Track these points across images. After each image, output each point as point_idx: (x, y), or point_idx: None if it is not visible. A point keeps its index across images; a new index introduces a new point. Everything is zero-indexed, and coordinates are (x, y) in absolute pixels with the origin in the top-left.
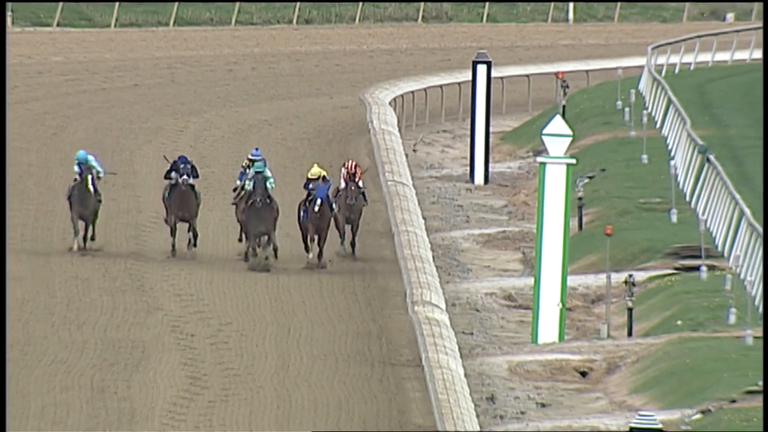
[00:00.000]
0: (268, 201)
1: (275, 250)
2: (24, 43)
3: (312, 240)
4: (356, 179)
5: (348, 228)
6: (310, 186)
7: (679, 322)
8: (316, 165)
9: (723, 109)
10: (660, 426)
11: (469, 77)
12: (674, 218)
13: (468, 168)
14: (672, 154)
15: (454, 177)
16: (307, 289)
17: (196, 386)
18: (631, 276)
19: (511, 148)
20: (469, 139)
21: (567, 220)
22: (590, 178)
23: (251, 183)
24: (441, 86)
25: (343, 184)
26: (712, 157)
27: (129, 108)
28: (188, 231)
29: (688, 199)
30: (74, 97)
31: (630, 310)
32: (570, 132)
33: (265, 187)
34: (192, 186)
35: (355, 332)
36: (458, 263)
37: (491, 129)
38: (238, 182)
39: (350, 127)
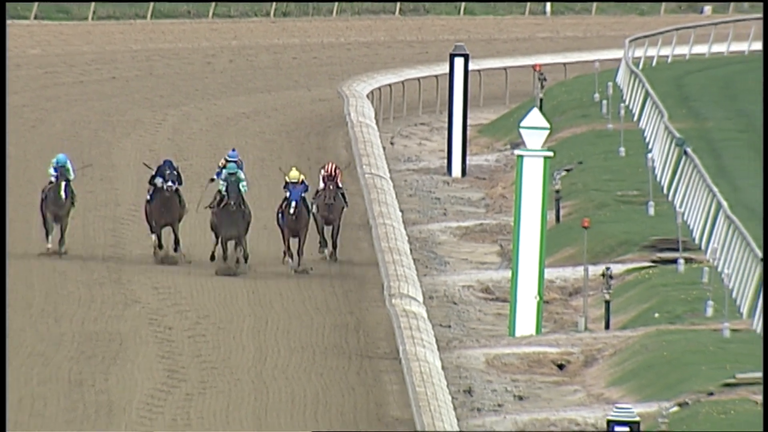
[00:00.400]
0: (241, 205)
1: (246, 256)
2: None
3: (288, 243)
4: (335, 180)
5: (328, 231)
6: (289, 188)
7: (656, 315)
8: (294, 168)
9: (700, 102)
10: (637, 419)
11: (447, 70)
12: (651, 211)
13: (445, 160)
14: (649, 146)
15: (431, 170)
16: (285, 281)
17: (173, 379)
18: (608, 269)
19: (488, 140)
20: (446, 132)
21: (544, 213)
22: (568, 170)
23: (224, 185)
24: (418, 79)
25: (321, 185)
26: (689, 150)
27: (107, 101)
28: (170, 236)
29: (665, 191)
30: (52, 89)
31: (607, 302)
32: (547, 125)
33: (239, 190)
34: (177, 191)
35: (333, 325)
36: (436, 256)
37: (469, 122)
38: (217, 178)
39: (328, 119)
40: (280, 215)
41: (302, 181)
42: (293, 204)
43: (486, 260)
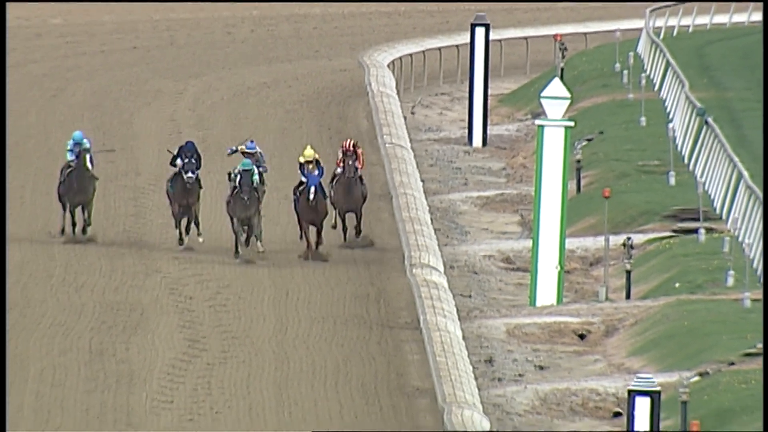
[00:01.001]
0: (255, 194)
1: (258, 235)
2: (22, 6)
3: (307, 232)
4: (356, 157)
5: (345, 221)
6: (304, 171)
7: (677, 285)
8: (309, 147)
9: (721, 71)
10: (658, 388)
11: (468, 39)
12: (672, 181)
13: (466, 130)
14: (670, 116)
15: (452, 139)
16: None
17: (194, 349)
18: (629, 238)
19: (509, 110)
20: (467, 102)
21: (565, 183)
22: (588, 140)
23: (237, 178)
24: (439, 49)
25: (339, 169)
26: (710, 120)
27: (128, 70)
28: (189, 222)
29: (686, 161)
30: (73, 59)
31: (628, 272)
32: (568, 95)
33: (251, 184)
34: (197, 179)
35: (354, 295)
36: (456, 226)
37: (489, 91)
38: (254, 168)
39: (349, 89)
40: (295, 201)
41: (317, 161)
42: (311, 190)
43: (507, 230)
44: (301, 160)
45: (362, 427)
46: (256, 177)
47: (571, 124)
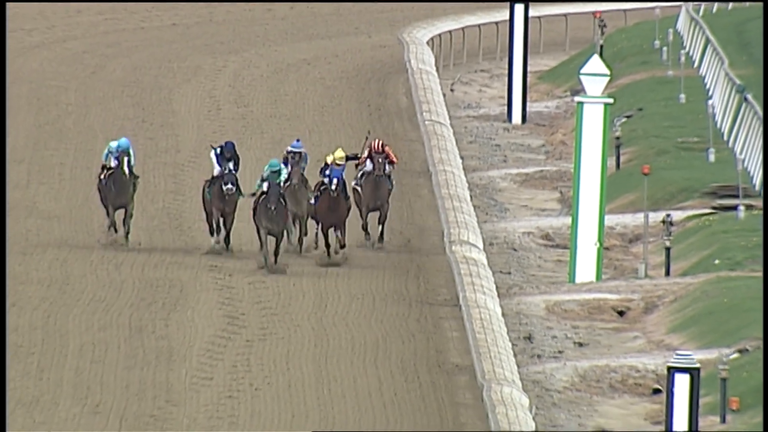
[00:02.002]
0: (282, 203)
1: (276, 254)
2: None
3: (326, 233)
4: (384, 154)
5: (368, 220)
6: (327, 172)
7: (716, 262)
8: (340, 149)
9: (761, 48)
10: (698, 365)
11: (507, 16)
12: (712, 157)
13: (505, 107)
14: (710, 93)
15: (491, 116)
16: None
17: (233, 325)
18: (668, 215)
19: (548, 87)
20: (506, 79)
21: (604, 160)
22: (628, 117)
23: (266, 184)
24: (479, 25)
25: (369, 166)
26: (749, 97)
27: (167, 47)
28: (227, 231)
29: (725, 138)
30: (113, 36)
31: (668, 249)
32: (607, 71)
33: (279, 192)
34: (238, 187)
35: (393, 271)
36: (496, 203)
37: (529, 68)
38: (283, 168)
39: (388, 66)
40: (314, 200)
41: (345, 160)
42: (335, 181)
43: (546, 207)
44: (329, 159)
45: (402, 404)
46: (284, 176)
47: (611, 101)
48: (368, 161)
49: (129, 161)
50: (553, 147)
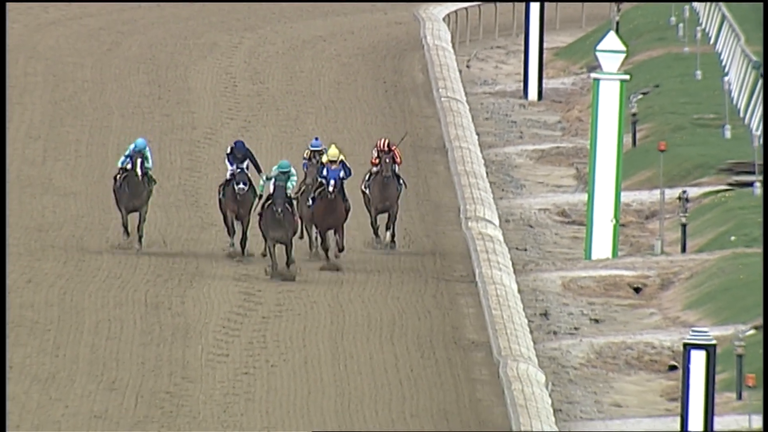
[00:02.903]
0: (288, 208)
1: (291, 262)
2: None
3: (323, 237)
4: (392, 155)
5: (377, 221)
6: (324, 172)
7: (732, 238)
8: (333, 146)
9: None
10: (714, 342)
11: None
12: (728, 134)
13: (522, 84)
14: (726, 70)
15: (507, 93)
16: (360, 205)
17: (249, 302)
18: (684, 192)
19: (564, 64)
20: (522, 55)
21: (620, 136)
22: (644, 94)
23: (271, 186)
24: (495, 1)
25: (375, 169)
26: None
27: (183, 23)
28: (243, 232)
29: (741, 114)
30: (129, 12)
31: (684, 225)
32: (624, 48)
33: (285, 196)
34: (252, 186)
35: (409, 248)
36: (512, 179)
37: (545, 45)
38: (303, 170)
39: (404, 42)
40: (309, 201)
41: (341, 161)
42: (332, 182)
43: (562, 183)
44: (324, 159)
45: (418, 380)
46: (293, 180)
47: (627, 77)
48: (376, 162)
49: (143, 163)
50: (569, 123)
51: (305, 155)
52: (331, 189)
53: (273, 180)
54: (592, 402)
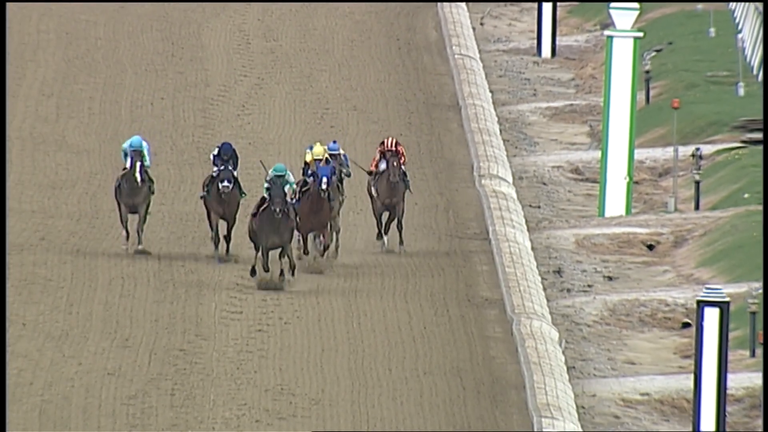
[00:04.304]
0: (286, 211)
1: (292, 267)
2: None
3: (305, 237)
4: (398, 155)
5: (382, 220)
6: (309, 171)
7: (746, 196)
8: (318, 143)
9: None
10: (727, 299)
11: None
12: (741, 91)
13: (535, 41)
14: (739, 27)
15: (521, 50)
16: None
17: None
18: (698, 149)
19: (578, 21)
20: (536, 13)
21: (634, 94)
22: (657, 51)
23: (268, 189)
24: None
25: (383, 165)
26: None
27: None
28: (228, 232)
29: (755, 72)
30: None
31: (697, 183)
32: (637, 6)
33: (284, 195)
34: (237, 185)
35: (422, 205)
36: (525, 136)
37: (558, 2)
38: (290, 175)
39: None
40: (295, 200)
41: (327, 160)
42: (324, 180)
43: (576, 141)
44: (308, 158)
45: (431, 338)
46: (292, 184)
47: (640, 35)
48: (382, 161)
49: (142, 166)
50: (582, 81)
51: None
52: (324, 187)
53: (269, 184)
54: (606, 359)
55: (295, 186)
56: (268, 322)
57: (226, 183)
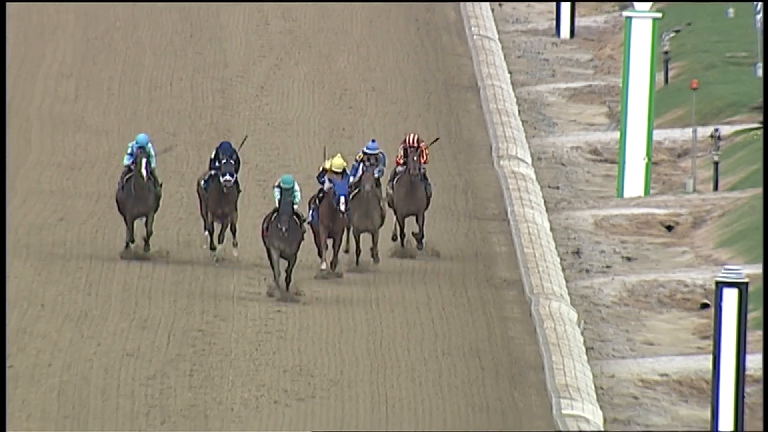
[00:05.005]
0: (296, 221)
1: (288, 279)
2: None
3: (325, 245)
4: (420, 153)
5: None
6: (325, 178)
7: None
8: (339, 155)
9: None
10: (746, 280)
11: None
12: (760, 72)
13: (554, 22)
14: (758, 8)
15: (540, 31)
16: (392, 142)
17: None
18: (717, 130)
19: (597, 2)
20: None
21: (653, 74)
22: (676, 32)
23: (276, 200)
24: None
25: (400, 168)
26: None
27: None
28: (223, 230)
29: None
30: None
31: (716, 164)
32: None
33: (291, 212)
34: (236, 183)
35: (441, 186)
36: (544, 117)
37: None
38: (352, 178)
39: None
40: (313, 211)
41: (344, 171)
42: (342, 200)
43: (594, 121)
44: (327, 165)
45: (450, 318)
46: (298, 197)
47: (659, 15)
48: (401, 162)
49: (148, 163)
50: (601, 62)
51: (357, 158)
52: (343, 208)
53: (278, 197)
54: (624, 340)
55: (299, 198)
56: (287, 303)
57: (228, 176)
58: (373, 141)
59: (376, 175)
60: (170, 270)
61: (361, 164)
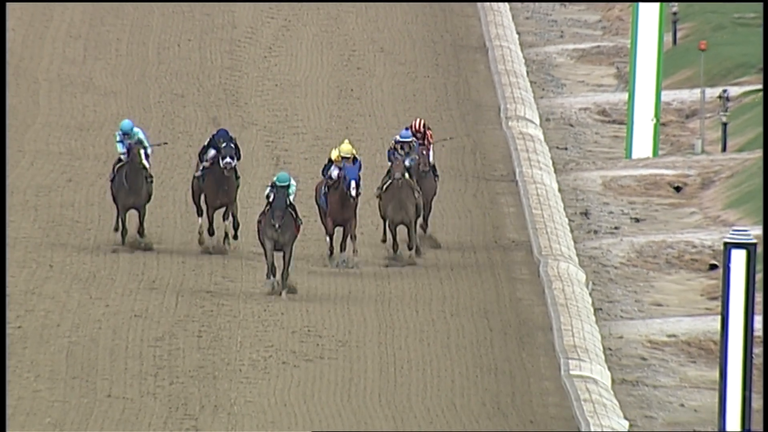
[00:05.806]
0: (292, 213)
1: (285, 276)
2: None
3: (334, 234)
4: (426, 140)
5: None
6: (332, 168)
7: None
8: (347, 141)
9: None
10: (754, 241)
11: None
12: None
13: None
14: None
15: None
16: (401, 103)
17: None
18: (725, 91)
19: None
20: None
21: (661, 35)
22: None
23: (269, 196)
24: None
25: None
26: None
27: None
28: (224, 220)
29: None
30: None
31: (724, 125)
32: None
33: (285, 207)
34: (235, 168)
35: (450, 147)
36: (552, 78)
37: None
38: (389, 162)
39: None
40: (323, 197)
41: (355, 158)
42: (353, 184)
43: (603, 82)
44: (334, 155)
45: (458, 279)
46: (293, 194)
47: None
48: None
49: (146, 153)
50: (609, 23)
51: (391, 146)
52: (354, 193)
53: (272, 192)
54: (633, 301)
55: (295, 189)
56: (296, 264)
57: (228, 159)
58: (407, 129)
59: (407, 164)
60: (178, 231)
61: (394, 152)
